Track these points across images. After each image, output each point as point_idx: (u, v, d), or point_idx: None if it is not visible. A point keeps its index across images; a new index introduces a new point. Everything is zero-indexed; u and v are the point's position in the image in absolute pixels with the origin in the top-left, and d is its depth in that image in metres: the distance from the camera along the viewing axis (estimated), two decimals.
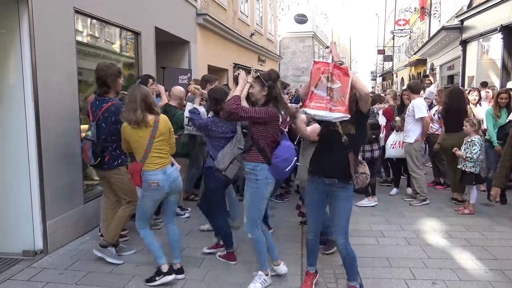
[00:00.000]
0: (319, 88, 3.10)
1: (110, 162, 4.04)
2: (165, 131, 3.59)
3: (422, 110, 6.04)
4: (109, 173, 4.10)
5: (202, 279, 3.76)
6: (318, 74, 3.11)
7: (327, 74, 3.07)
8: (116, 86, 4.10)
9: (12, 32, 4.14)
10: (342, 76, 3.07)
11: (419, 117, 6.04)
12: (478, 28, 12.04)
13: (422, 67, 23.56)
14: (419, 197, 6.21)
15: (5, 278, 3.78)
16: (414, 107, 6.08)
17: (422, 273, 3.90)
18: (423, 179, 6.25)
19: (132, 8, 6.47)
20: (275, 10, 22.01)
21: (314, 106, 3.11)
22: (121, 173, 4.10)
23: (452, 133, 6.17)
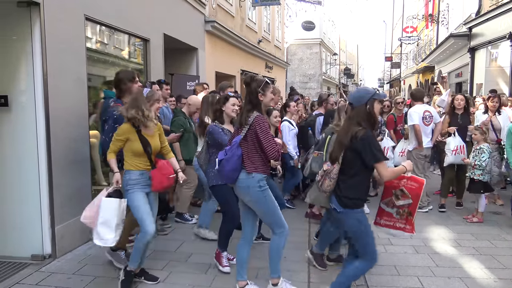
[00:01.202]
0: (388, 205, 3.25)
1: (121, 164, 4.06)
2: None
3: (413, 118, 6.04)
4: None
5: (209, 286, 3.76)
6: (390, 189, 3.23)
7: (398, 190, 3.19)
8: (129, 91, 4.08)
9: (24, 39, 4.20)
10: (415, 189, 3.16)
11: (410, 125, 6.04)
12: (486, 36, 12.00)
13: (430, 74, 23.48)
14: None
15: (14, 282, 3.81)
16: (408, 115, 6.14)
17: (430, 281, 3.87)
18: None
19: (141, 15, 6.54)
20: (282, 17, 22.08)
21: (385, 224, 3.31)
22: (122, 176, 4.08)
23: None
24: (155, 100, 3.67)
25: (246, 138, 3.32)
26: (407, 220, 3.23)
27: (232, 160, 3.29)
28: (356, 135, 2.98)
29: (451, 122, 6.36)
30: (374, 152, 2.95)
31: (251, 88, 3.36)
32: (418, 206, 5.48)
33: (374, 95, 3.07)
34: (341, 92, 22.31)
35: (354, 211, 3.09)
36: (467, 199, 6.41)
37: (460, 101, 6.33)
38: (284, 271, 3.74)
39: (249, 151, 3.32)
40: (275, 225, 3.44)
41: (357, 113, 3.07)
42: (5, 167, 4.32)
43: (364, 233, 3.12)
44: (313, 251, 4.25)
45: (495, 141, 6.21)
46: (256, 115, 3.29)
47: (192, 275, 3.88)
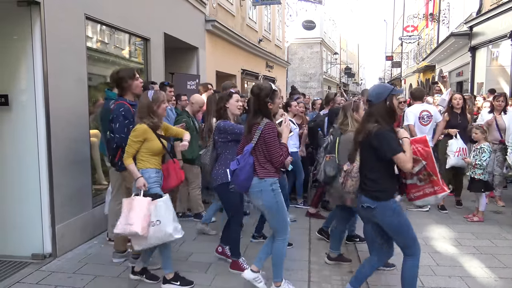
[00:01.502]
0: (407, 177, 3.21)
1: (119, 163, 4.04)
2: None
3: (408, 118, 6.06)
4: (123, 175, 4.09)
5: (210, 285, 3.77)
6: None
7: None
8: (130, 88, 4.06)
9: (24, 38, 4.21)
10: (423, 149, 3.11)
11: (405, 125, 6.06)
12: (487, 35, 11.98)
13: (430, 73, 23.46)
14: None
15: (14, 281, 3.81)
16: (404, 114, 6.13)
17: (431, 280, 3.87)
18: None
19: (141, 14, 6.54)
20: (283, 16, 22.08)
21: (416, 197, 3.25)
22: (130, 176, 4.04)
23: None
24: (161, 101, 3.69)
25: (257, 145, 3.34)
26: (432, 182, 3.17)
27: (245, 169, 3.31)
28: (371, 131, 3.03)
29: (450, 121, 6.34)
30: (390, 145, 2.97)
31: (260, 98, 3.38)
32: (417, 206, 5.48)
33: (392, 91, 3.14)
34: (341, 91, 22.28)
35: (388, 202, 3.08)
36: (467, 198, 6.40)
37: (459, 100, 6.32)
38: (284, 270, 3.73)
39: (259, 158, 3.35)
40: (280, 231, 3.46)
41: (377, 109, 3.11)
42: (5, 166, 4.32)
43: (403, 224, 3.12)
44: (331, 257, 4.27)
45: (499, 141, 6.17)
46: (266, 122, 3.32)
47: (193, 274, 3.88)
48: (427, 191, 3.22)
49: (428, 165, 3.15)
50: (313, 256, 4.47)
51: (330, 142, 4.31)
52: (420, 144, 3.16)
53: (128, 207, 3.42)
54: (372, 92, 3.25)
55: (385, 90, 3.16)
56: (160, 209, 3.41)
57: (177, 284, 3.67)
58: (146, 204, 3.38)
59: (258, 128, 3.31)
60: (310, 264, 4.27)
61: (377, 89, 3.25)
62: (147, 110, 3.56)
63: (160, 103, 3.67)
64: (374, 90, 3.28)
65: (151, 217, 3.37)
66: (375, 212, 3.11)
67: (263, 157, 3.34)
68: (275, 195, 3.36)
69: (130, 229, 3.31)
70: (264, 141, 3.29)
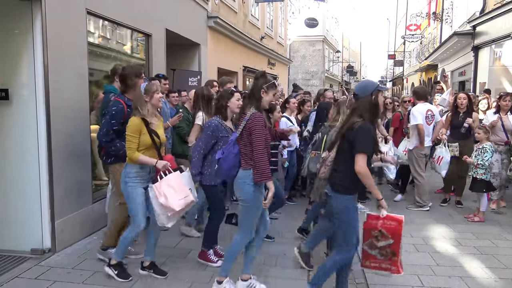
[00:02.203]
0: (370, 247, 3.20)
1: (104, 158, 4.07)
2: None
3: (416, 118, 6.02)
4: (110, 169, 4.14)
5: (208, 282, 3.76)
6: (369, 231, 3.18)
7: (376, 231, 3.14)
8: (135, 87, 4.02)
9: (25, 33, 4.19)
10: (394, 227, 3.11)
11: (413, 124, 6.01)
12: (490, 34, 11.93)
13: (433, 72, 23.39)
14: (416, 203, 6.19)
15: (13, 276, 3.81)
16: (411, 114, 6.10)
17: (431, 280, 3.86)
18: (423, 187, 6.18)
19: (143, 10, 6.52)
20: (285, 13, 22.01)
21: (370, 266, 3.26)
22: (116, 171, 4.04)
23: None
24: (154, 91, 3.65)
25: (242, 135, 3.31)
26: (391, 261, 3.16)
27: (229, 158, 3.31)
28: (353, 126, 3.06)
29: (453, 121, 6.32)
30: (362, 142, 3.02)
31: (258, 83, 3.37)
32: (418, 205, 5.45)
33: (378, 87, 3.18)
34: (343, 89, 22.22)
35: (343, 196, 3.13)
36: (469, 198, 6.38)
37: (463, 100, 6.28)
38: (283, 268, 3.73)
39: (246, 148, 3.30)
40: (244, 228, 3.41)
41: (362, 103, 3.13)
42: (5, 160, 4.32)
43: (347, 222, 3.15)
44: (301, 250, 4.12)
45: (504, 142, 6.07)
46: (252, 112, 3.28)
47: (192, 271, 3.87)
48: (383, 266, 3.22)
49: (394, 244, 3.13)
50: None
51: (318, 139, 4.31)
52: (393, 222, 3.13)
53: (167, 186, 3.53)
54: (359, 85, 3.31)
55: (371, 85, 3.21)
56: (187, 179, 3.72)
57: (151, 272, 3.83)
58: (180, 178, 3.65)
59: (244, 118, 3.30)
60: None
61: (363, 84, 3.31)
62: (138, 101, 3.57)
63: (153, 94, 3.64)
64: (360, 84, 3.35)
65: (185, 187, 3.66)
66: (330, 200, 3.21)
67: (249, 148, 3.28)
68: (255, 191, 3.29)
69: (189, 200, 3.63)
70: (250, 132, 3.24)
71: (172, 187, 3.53)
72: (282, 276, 3.85)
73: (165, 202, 3.48)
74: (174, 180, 3.56)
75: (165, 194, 3.49)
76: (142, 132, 3.53)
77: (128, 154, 3.54)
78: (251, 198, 3.30)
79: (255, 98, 3.35)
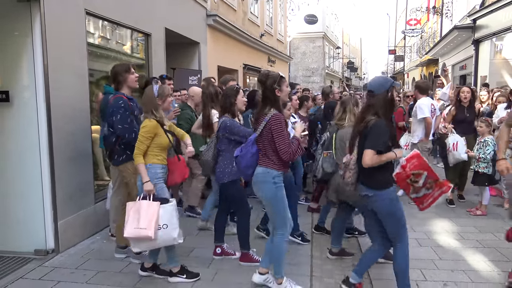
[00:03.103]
0: (417, 191, 3.30)
1: (115, 157, 4.06)
2: None
3: (424, 111, 5.99)
4: (119, 169, 4.12)
5: (212, 280, 3.77)
6: (404, 182, 3.27)
7: (410, 177, 3.24)
8: (126, 82, 4.06)
9: (25, 34, 4.20)
10: (418, 162, 3.23)
11: (421, 118, 6.00)
12: (491, 27, 11.89)
13: (433, 67, 23.34)
14: None
15: (17, 277, 3.83)
16: (417, 107, 6.06)
17: (433, 274, 3.86)
18: None
19: (142, 9, 6.52)
20: (285, 10, 21.99)
21: (429, 203, 3.35)
22: (127, 170, 4.05)
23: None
24: (167, 95, 3.70)
25: (262, 135, 3.31)
26: (438, 185, 3.28)
27: (246, 157, 3.33)
28: (368, 124, 3.07)
29: (457, 114, 6.29)
30: (374, 139, 3.02)
31: (267, 85, 3.34)
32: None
33: (393, 83, 3.18)
34: (344, 85, 22.26)
35: (385, 191, 3.13)
36: (471, 192, 6.37)
37: (466, 93, 6.25)
38: (287, 265, 3.73)
39: (266, 148, 3.32)
40: (279, 225, 3.42)
41: (378, 100, 3.13)
42: (7, 162, 4.33)
43: (396, 213, 3.18)
44: (333, 252, 4.27)
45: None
46: (273, 113, 3.27)
47: (195, 269, 3.88)
48: (436, 194, 3.32)
49: (429, 173, 3.25)
50: (315, 251, 4.47)
51: (327, 138, 4.30)
52: (414, 159, 3.25)
53: (135, 210, 3.44)
54: (374, 82, 3.26)
55: (387, 81, 3.19)
56: (167, 214, 3.47)
57: (184, 277, 3.70)
58: (157, 208, 3.41)
59: (264, 119, 3.28)
60: (313, 258, 4.26)
61: (379, 80, 3.27)
62: (151, 105, 3.56)
63: (166, 97, 3.71)
64: (375, 80, 3.30)
65: (160, 221, 3.42)
66: (371, 200, 3.18)
67: (269, 147, 3.29)
68: (277, 188, 3.32)
69: (143, 233, 3.36)
70: (271, 133, 3.24)
71: (139, 212, 3.41)
72: (287, 272, 3.85)
73: (125, 223, 3.46)
74: (146, 208, 3.42)
75: (128, 216, 3.45)
76: (159, 134, 3.54)
77: (134, 155, 3.52)
78: (274, 195, 3.33)
79: (270, 100, 3.33)
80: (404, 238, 3.25)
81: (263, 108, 3.35)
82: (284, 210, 3.40)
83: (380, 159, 3.05)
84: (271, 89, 3.32)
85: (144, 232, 3.35)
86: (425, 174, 3.24)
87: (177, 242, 3.56)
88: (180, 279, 3.69)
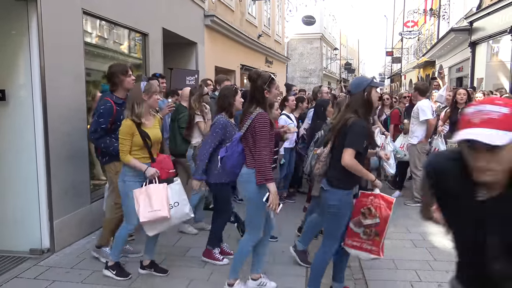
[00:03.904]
0: (356, 225, 3.20)
1: (100, 157, 4.09)
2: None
3: (427, 113, 6.02)
4: (106, 169, 4.14)
5: (207, 279, 3.77)
6: (359, 208, 3.19)
7: (365, 208, 3.14)
8: (122, 84, 4.06)
9: (22, 33, 4.19)
10: (384, 210, 3.10)
11: (423, 119, 6.02)
12: (487, 30, 11.94)
13: (430, 69, 23.41)
14: (415, 198, 6.22)
15: (12, 276, 3.82)
16: (418, 109, 6.07)
17: (428, 275, 3.88)
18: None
19: (140, 9, 6.52)
20: (283, 11, 22.01)
21: (352, 246, 3.24)
22: (110, 170, 4.06)
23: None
24: (153, 92, 3.67)
25: (247, 134, 3.28)
26: (374, 241, 3.14)
27: (233, 157, 3.30)
28: (347, 122, 3.08)
29: (452, 116, 6.32)
30: (352, 138, 3.03)
31: (257, 85, 3.32)
32: (416, 201, 5.45)
33: (371, 83, 3.17)
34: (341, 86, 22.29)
35: (340, 191, 3.13)
36: None
37: (463, 95, 6.28)
38: (282, 264, 3.75)
39: (250, 147, 3.29)
40: (253, 228, 3.39)
41: (355, 99, 3.16)
42: (3, 161, 4.32)
43: (338, 217, 3.17)
44: (297, 248, 4.17)
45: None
46: (258, 112, 3.25)
47: (190, 269, 3.89)
48: (364, 246, 3.20)
49: (380, 225, 3.12)
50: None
51: (321, 136, 4.31)
52: (384, 202, 3.13)
53: (144, 195, 3.50)
54: (352, 82, 3.34)
55: (363, 81, 3.21)
56: (175, 192, 3.62)
57: (152, 271, 3.83)
58: (164, 189, 3.54)
59: (249, 117, 3.26)
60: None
61: (356, 80, 3.33)
62: (135, 99, 3.55)
63: (152, 94, 3.65)
64: (354, 81, 3.36)
65: (170, 200, 3.55)
66: (325, 195, 3.21)
67: (254, 147, 3.26)
68: (260, 190, 3.25)
69: (159, 214, 3.48)
70: (254, 132, 3.21)
71: (149, 196, 3.48)
72: (282, 273, 3.86)
73: (137, 210, 3.48)
74: (154, 191, 3.50)
75: (139, 202, 3.49)
76: (135, 134, 3.54)
77: (120, 156, 3.56)
78: (256, 197, 3.27)
79: (257, 100, 3.31)
80: (331, 245, 3.24)
81: (249, 107, 3.33)
82: (261, 215, 3.35)
83: (357, 167, 3.05)
84: (260, 89, 3.31)
85: (159, 213, 3.47)
86: (377, 221, 3.11)
87: (190, 217, 3.77)
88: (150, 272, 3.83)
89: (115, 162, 4.00)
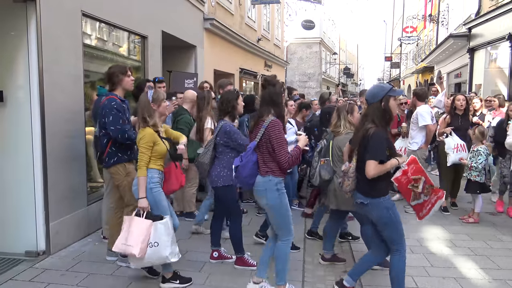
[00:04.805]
0: (417, 198, 3.36)
1: (106, 160, 4.02)
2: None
3: (426, 118, 6.02)
4: (110, 171, 4.08)
5: (203, 283, 3.76)
6: (405, 188, 3.32)
7: (411, 182, 3.30)
8: (121, 83, 4.04)
9: (20, 34, 4.19)
10: (415, 167, 3.30)
11: (422, 125, 6.03)
12: (486, 36, 11.99)
13: (429, 74, 23.48)
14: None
15: (7, 278, 3.80)
16: (418, 114, 6.07)
17: (425, 281, 3.87)
18: None
19: (139, 12, 6.52)
20: (282, 15, 22.06)
21: (428, 210, 3.40)
22: (119, 172, 4.02)
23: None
24: (161, 100, 3.69)
25: (261, 142, 3.28)
26: (432, 191, 3.34)
27: (248, 166, 3.27)
28: (368, 132, 3.07)
29: (451, 123, 6.31)
30: (375, 149, 3.04)
31: (276, 89, 3.34)
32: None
33: (389, 92, 3.14)
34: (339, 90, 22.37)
35: (380, 199, 3.15)
36: (464, 199, 6.40)
37: (462, 101, 6.28)
38: None
39: (264, 155, 3.29)
40: (284, 232, 3.41)
41: (373, 110, 3.15)
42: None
43: (393, 220, 3.20)
44: (325, 257, 4.27)
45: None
46: (271, 119, 3.25)
47: (187, 273, 3.86)
48: (433, 200, 3.37)
49: (426, 178, 3.31)
50: (308, 256, 4.47)
51: (324, 146, 4.30)
52: (412, 164, 3.30)
53: (128, 225, 3.43)
54: (369, 92, 3.29)
55: (380, 91, 3.17)
56: (159, 232, 3.41)
57: (177, 283, 3.67)
58: (146, 227, 3.38)
59: (263, 125, 3.26)
60: (305, 264, 4.26)
61: (373, 89, 3.28)
62: (146, 111, 3.53)
63: (160, 102, 3.70)
64: (371, 90, 3.31)
65: (150, 239, 3.38)
66: (368, 208, 3.20)
67: (268, 155, 3.27)
68: (280, 195, 3.30)
69: (129, 251, 3.36)
70: (269, 139, 3.22)
71: (129, 228, 3.41)
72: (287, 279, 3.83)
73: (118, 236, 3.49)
74: (137, 226, 3.39)
75: (122, 229, 3.47)
76: (157, 143, 3.51)
77: (138, 165, 3.48)
78: (278, 202, 3.30)
79: (275, 104, 3.32)
80: (402, 246, 3.26)
81: (264, 112, 3.31)
82: (289, 217, 3.39)
83: (384, 168, 3.08)
84: (278, 93, 3.33)
85: (130, 249, 3.34)
86: (423, 179, 3.29)
87: (170, 261, 3.48)
88: (173, 285, 3.65)
89: (125, 164, 3.98)
